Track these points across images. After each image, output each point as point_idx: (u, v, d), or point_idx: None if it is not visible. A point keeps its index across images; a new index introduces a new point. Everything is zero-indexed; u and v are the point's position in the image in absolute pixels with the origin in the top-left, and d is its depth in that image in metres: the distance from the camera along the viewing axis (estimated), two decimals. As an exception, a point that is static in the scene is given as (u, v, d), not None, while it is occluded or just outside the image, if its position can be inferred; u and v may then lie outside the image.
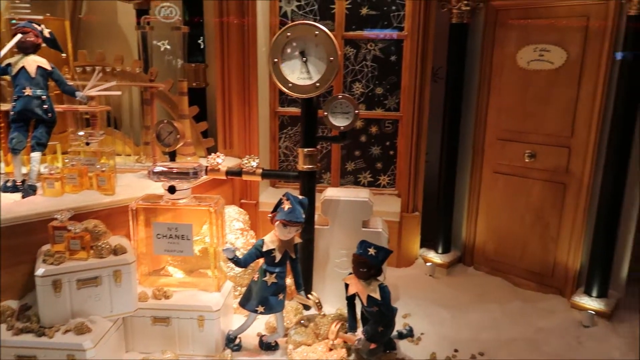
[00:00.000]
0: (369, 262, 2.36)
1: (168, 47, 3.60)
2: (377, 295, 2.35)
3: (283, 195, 2.41)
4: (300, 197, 2.45)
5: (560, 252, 3.12)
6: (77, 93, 2.80)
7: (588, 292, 2.95)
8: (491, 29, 3.16)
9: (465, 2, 3.04)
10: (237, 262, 2.43)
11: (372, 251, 2.37)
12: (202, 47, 3.74)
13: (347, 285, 2.49)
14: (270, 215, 2.44)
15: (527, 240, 3.26)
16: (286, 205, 2.36)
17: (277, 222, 2.39)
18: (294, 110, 3.76)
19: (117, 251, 2.39)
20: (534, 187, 3.15)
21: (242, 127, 3.60)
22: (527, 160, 3.13)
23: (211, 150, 3.69)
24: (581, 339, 2.70)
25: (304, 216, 2.39)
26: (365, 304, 2.39)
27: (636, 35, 2.56)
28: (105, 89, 2.94)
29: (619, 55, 2.65)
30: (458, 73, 3.26)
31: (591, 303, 2.89)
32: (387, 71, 3.60)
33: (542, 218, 3.16)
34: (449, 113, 3.34)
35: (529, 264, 3.27)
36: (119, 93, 3.17)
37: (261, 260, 2.49)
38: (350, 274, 2.48)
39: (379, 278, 2.43)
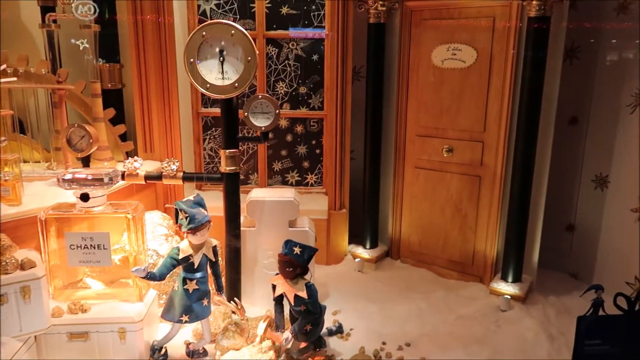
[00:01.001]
0: (294, 262, 2.37)
1: (87, 45, 3.39)
2: (304, 294, 2.36)
3: (174, 207, 2.38)
4: (192, 198, 2.42)
5: (478, 241, 3.29)
6: None
7: (504, 278, 3.13)
8: (407, 29, 3.26)
9: (381, 2, 3.11)
10: (152, 277, 2.34)
11: (297, 250, 2.38)
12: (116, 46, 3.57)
13: (274, 286, 2.48)
14: (176, 227, 2.39)
15: (448, 232, 3.40)
16: (183, 216, 2.32)
17: (185, 233, 2.35)
18: (218, 111, 3.68)
19: (24, 266, 2.22)
20: (452, 180, 3.29)
21: (163, 130, 3.48)
22: (445, 155, 3.26)
23: (131, 154, 3.54)
24: (499, 323, 2.85)
25: (207, 214, 2.36)
26: (292, 303, 2.39)
27: (536, 35, 2.74)
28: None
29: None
30: (378, 72, 3.34)
31: (507, 288, 3.06)
32: (310, 70, 3.62)
33: (460, 210, 3.31)
34: (370, 111, 3.42)
35: (451, 254, 3.41)
36: (14, 79, 2.96)
37: (179, 269, 2.42)
38: (277, 274, 2.47)
39: (305, 277, 2.44)
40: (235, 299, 2.59)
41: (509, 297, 3.00)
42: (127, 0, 3.26)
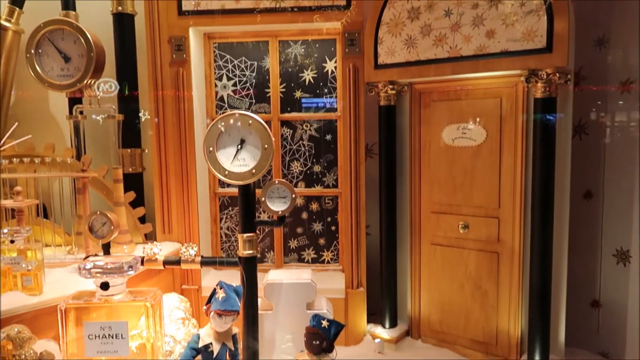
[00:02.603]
0: (322, 335, 2.39)
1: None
2: (328, 371, 2.32)
3: (217, 284, 2.37)
4: (234, 285, 2.42)
5: (501, 320, 3.20)
6: None
7: (531, 359, 3.00)
8: (417, 109, 3.37)
9: (391, 86, 3.25)
10: None
11: (325, 323, 2.41)
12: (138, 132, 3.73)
13: (299, 363, 2.46)
14: (205, 307, 2.38)
15: (469, 310, 3.32)
16: (220, 294, 2.32)
17: (212, 313, 2.34)
18: (235, 191, 3.76)
19: (43, 359, 2.21)
20: (470, 257, 3.27)
21: (181, 211, 3.55)
22: (461, 232, 3.26)
23: (150, 235, 3.60)
24: (528, 409, 2.72)
25: (239, 304, 2.36)
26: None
27: (543, 115, 2.81)
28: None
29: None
30: (390, 151, 3.42)
31: (534, 370, 2.94)
32: (324, 149, 3.72)
33: (480, 287, 3.25)
34: (384, 188, 3.46)
35: (473, 333, 3.31)
36: (29, 137, 3.09)
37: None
38: (302, 351, 2.46)
39: (330, 355, 2.43)
40: None
41: (537, 380, 2.87)
42: (151, 92, 3.45)
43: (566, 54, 2.65)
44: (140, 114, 3.71)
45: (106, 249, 2.94)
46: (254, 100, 3.73)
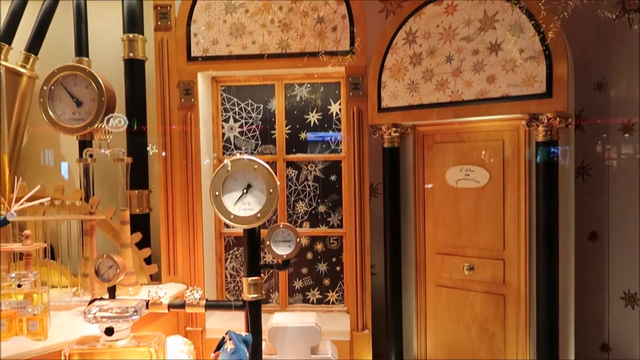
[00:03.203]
0: None
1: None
2: None
3: (226, 334, 2.36)
4: (243, 334, 2.41)
5: (508, 363, 3.15)
6: (8, 216, 2.74)
7: (540, 405, 2.94)
8: (420, 151, 3.41)
9: (394, 129, 3.30)
10: None
11: None
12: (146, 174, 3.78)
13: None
14: (212, 355, 2.36)
15: (476, 353, 3.27)
16: (229, 346, 2.30)
17: None
18: (240, 231, 3.78)
19: (45, 406, 2.20)
20: (476, 299, 3.24)
21: (187, 251, 3.57)
22: (466, 273, 3.24)
23: (155, 276, 3.61)
24: None
25: (248, 356, 2.33)
26: None
27: (545, 158, 2.84)
28: (32, 199, 2.89)
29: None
30: (394, 192, 3.44)
31: (544, 417, 2.87)
32: (329, 190, 3.76)
33: (487, 330, 3.21)
34: (389, 229, 3.46)
35: (481, 377, 3.26)
36: (47, 198, 3.12)
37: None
38: None
39: None
40: None
41: None
42: (159, 132, 3.53)
43: (566, 99, 2.70)
44: (148, 148, 3.74)
45: (112, 292, 2.95)
46: (259, 142, 3.79)
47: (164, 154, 3.54)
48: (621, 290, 3.17)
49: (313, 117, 3.74)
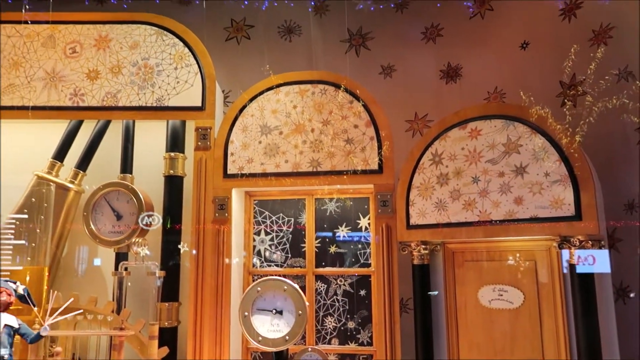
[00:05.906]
0: None
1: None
2: None
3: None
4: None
5: None
6: (42, 331, 2.82)
7: None
8: (450, 269, 3.38)
9: (424, 246, 3.31)
10: None
11: None
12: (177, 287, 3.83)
13: None
14: None
15: None
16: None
17: None
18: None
19: None
20: None
21: (213, 367, 3.50)
22: (505, 402, 3.05)
23: (179, 394, 3.51)
24: None
25: None
26: None
27: (581, 281, 2.77)
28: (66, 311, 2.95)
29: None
30: (425, 310, 3.36)
31: None
32: (358, 305, 3.70)
33: None
34: (422, 350, 3.34)
35: None
36: (81, 311, 3.16)
37: None
38: None
39: None
40: None
41: None
42: (190, 250, 3.64)
43: (596, 222, 2.70)
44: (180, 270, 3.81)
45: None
46: (289, 255, 3.84)
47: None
48: None
49: (342, 231, 3.80)
